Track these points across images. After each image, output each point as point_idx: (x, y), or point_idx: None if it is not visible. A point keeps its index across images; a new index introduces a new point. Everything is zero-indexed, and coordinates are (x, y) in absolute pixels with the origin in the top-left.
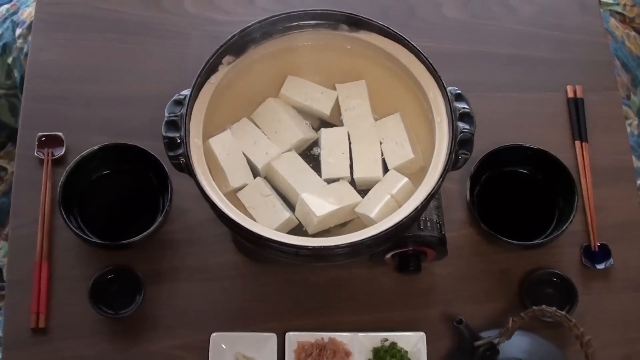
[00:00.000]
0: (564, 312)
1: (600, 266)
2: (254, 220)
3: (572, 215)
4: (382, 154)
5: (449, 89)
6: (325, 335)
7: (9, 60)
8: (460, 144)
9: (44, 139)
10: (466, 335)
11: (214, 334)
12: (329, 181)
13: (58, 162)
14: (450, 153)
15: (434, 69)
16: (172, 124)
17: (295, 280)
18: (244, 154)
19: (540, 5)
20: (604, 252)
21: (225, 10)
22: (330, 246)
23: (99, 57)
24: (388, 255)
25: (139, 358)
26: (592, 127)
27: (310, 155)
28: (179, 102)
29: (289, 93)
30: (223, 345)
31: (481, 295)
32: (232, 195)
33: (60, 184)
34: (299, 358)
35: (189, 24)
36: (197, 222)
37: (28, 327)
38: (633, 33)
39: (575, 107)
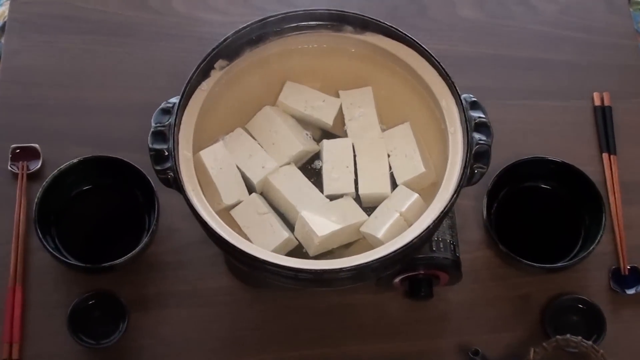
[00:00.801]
0: (590, 342)
1: (631, 291)
2: (249, 240)
3: (599, 236)
4: (390, 168)
5: (463, 96)
6: None
7: None
8: (476, 157)
9: (18, 151)
10: None
11: None
12: (332, 198)
13: (34, 177)
14: (465, 167)
15: (447, 75)
16: (160, 135)
17: (294, 306)
18: (238, 167)
19: (564, 4)
20: (635, 276)
21: (218, 10)
22: (333, 269)
23: (79, 61)
24: (397, 280)
25: None
26: (620, 139)
27: (311, 169)
28: (166, 111)
29: (288, 101)
30: None
31: (499, 324)
32: (225, 213)
33: (36, 200)
34: None
35: (178, 24)
36: (186, 242)
37: (0, 358)
38: None
39: (603, 116)
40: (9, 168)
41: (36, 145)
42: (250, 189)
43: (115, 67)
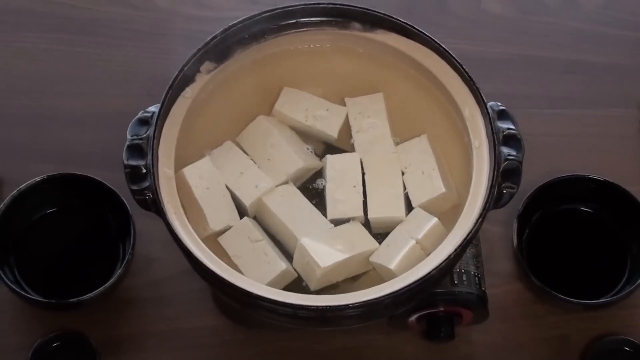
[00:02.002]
0: None
1: None
2: (241, 272)
3: None
4: (405, 188)
5: (489, 104)
6: None
7: None
8: (505, 175)
9: None
10: None
11: None
12: (337, 222)
13: None
14: (491, 186)
15: (471, 79)
16: (136, 149)
17: (293, 349)
18: (227, 187)
19: None
20: None
21: (205, 4)
22: (338, 306)
23: (42, 64)
24: (412, 318)
25: None
26: None
27: (312, 189)
28: (144, 121)
29: (286, 109)
30: None
31: None
32: (213, 241)
33: None
34: None
35: (158, 21)
36: (167, 275)
37: None
38: None
39: None
40: None
41: None
42: (242, 212)
43: (85, 70)
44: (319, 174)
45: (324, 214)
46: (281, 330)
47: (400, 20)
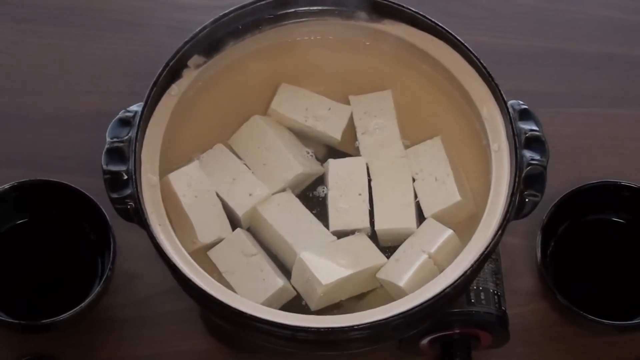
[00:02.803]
0: None
1: None
2: (233, 290)
3: None
4: (416, 196)
5: (510, 103)
6: None
7: None
8: (527, 182)
9: None
10: None
11: None
12: (340, 235)
13: None
14: (512, 194)
15: (490, 75)
16: (117, 153)
17: None
18: (218, 195)
19: None
20: None
21: None
22: (341, 328)
23: (10, 58)
24: (425, 341)
25: None
26: None
27: (313, 197)
28: (125, 122)
29: (283, 109)
30: None
31: None
32: (202, 255)
33: None
34: None
35: (140, 10)
36: (151, 293)
37: None
38: None
39: None
40: None
41: None
42: (234, 223)
43: (59, 65)
44: (320, 180)
45: (326, 225)
46: (278, 355)
47: (410, 9)
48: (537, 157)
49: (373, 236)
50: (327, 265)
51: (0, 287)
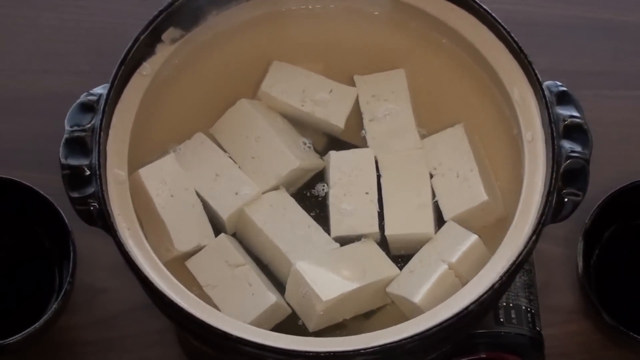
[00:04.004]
0: None
1: None
2: (216, 307)
3: None
4: (434, 196)
5: (546, 84)
6: None
7: None
8: (567, 178)
9: None
10: None
11: None
12: (344, 241)
13: None
14: (549, 193)
15: (522, 51)
16: (77, 144)
17: None
18: (197, 194)
19: None
20: None
21: None
22: (345, 352)
23: None
24: None
25: None
26: None
27: (311, 196)
28: (88, 107)
29: (276, 91)
30: None
31: None
32: (179, 266)
33: None
34: None
35: None
36: (118, 310)
37: None
38: None
39: None
40: None
41: None
42: (218, 227)
43: (8, 39)
44: (320, 176)
45: (326, 230)
46: None
47: None
48: (578, 148)
49: (383, 243)
50: (328, 277)
51: None
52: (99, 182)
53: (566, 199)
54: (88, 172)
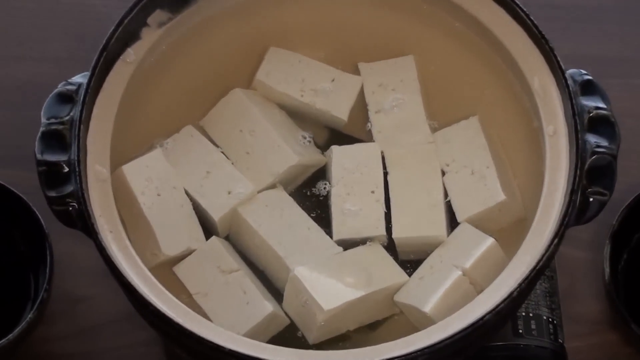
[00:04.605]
0: None
1: None
2: (207, 318)
3: None
4: (447, 195)
5: (570, 72)
6: None
7: None
8: (593, 175)
9: None
10: None
11: None
12: (347, 244)
13: None
14: (572, 192)
15: (543, 36)
16: (55, 138)
17: None
18: (187, 193)
19: None
20: None
21: None
22: None
23: None
24: None
25: None
26: None
27: (312, 195)
28: (67, 98)
29: (272, 80)
30: None
31: None
32: (166, 271)
33: None
34: None
35: None
36: (100, 321)
37: None
38: None
39: None
40: None
41: None
42: (209, 229)
43: None
44: (322, 173)
45: (328, 232)
46: None
47: None
48: (605, 143)
49: (390, 247)
50: (329, 285)
51: None
52: (78, 180)
53: (591, 199)
54: (66, 169)
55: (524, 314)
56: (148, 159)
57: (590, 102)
